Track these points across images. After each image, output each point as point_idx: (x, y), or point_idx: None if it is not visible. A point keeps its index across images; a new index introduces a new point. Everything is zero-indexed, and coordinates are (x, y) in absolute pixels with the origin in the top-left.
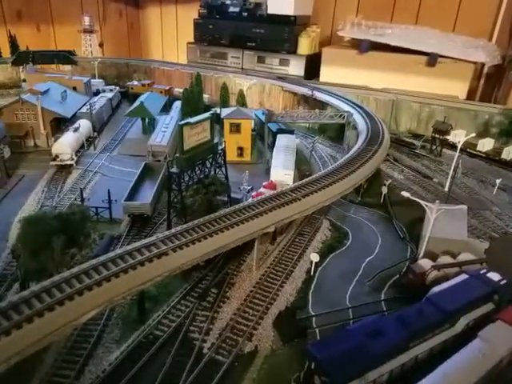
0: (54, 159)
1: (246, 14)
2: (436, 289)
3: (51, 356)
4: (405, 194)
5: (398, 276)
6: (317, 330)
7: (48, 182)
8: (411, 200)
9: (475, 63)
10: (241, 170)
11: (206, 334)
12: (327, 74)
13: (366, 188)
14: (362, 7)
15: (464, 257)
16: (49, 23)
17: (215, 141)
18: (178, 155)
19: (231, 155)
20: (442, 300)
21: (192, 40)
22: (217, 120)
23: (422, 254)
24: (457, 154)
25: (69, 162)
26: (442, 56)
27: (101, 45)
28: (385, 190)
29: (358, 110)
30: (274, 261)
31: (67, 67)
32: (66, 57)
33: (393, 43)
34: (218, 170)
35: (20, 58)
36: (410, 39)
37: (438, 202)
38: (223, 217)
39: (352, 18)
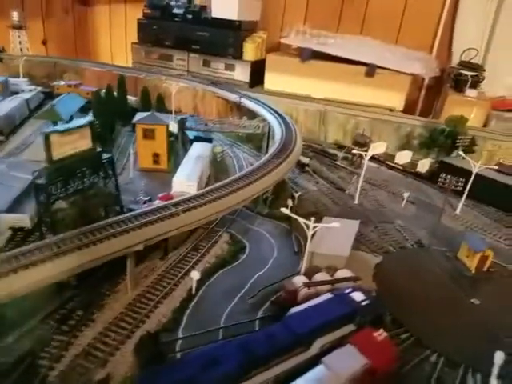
0: None
1: (190, 16)
2: (294, 309)
3: None
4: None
5: (277, 294)
6: (178, 355)
7: None
8: (318, 212)
9: (413, 75)
10: (156, 178)
11: (56, 362)
12: (271, 81)
13: (272, 200)
14: (310, 15)
15: (341, 274)
16: None
17: (99, 149)
18: (44, 165)
19: (146, 162)
20: (295, 322)
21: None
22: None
23: (302, 270)
24: (364, 168)
25: None
26: (380, 67)
27: (44, 42)
28: (290, 202)
29: (279, 120)
30: (156, 278)
31: None
32: None
33: (333, 53)
34: (107, 180)
35: None
36: (351, 49)
37: (313, 219)
38: (86, 232)
39: (299, 25)
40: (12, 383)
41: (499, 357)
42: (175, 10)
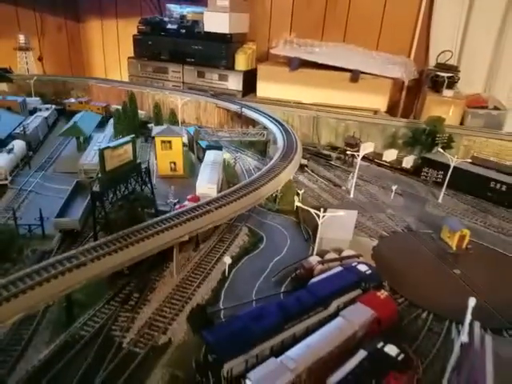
0: None
1: (183, 31)
2: (314, 279)
3: None
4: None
5: (297, 271)
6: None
7: None
8: (321, 206)
9: (393, 79)
10: (174, 183)
11: (126, 331)
12: (263, 89)
13: (281, 197)
14: (295, 25)
15: (346, 253)
16: None
17: (138, 160)
18: (100, 176)
19: (165, 170)
20: (316, 288)
21: (133, 55)
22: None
23: (315, 252)
24: (357, 166)
25: (2, 183)
26: (363, 72)
27: (40, 58)
28: (297, 199)
29: (280, 127)
30: (194, 265)
31: (2, 85)
32: (2, 75)
33: (320, 61)
34: (143, 186)
35: None
36: (336, 57)
37: (322, 209)
38: (140, 230)
39: (286, 35)
40: (96, 350)
41: (472, 301)
42: (169, 26)
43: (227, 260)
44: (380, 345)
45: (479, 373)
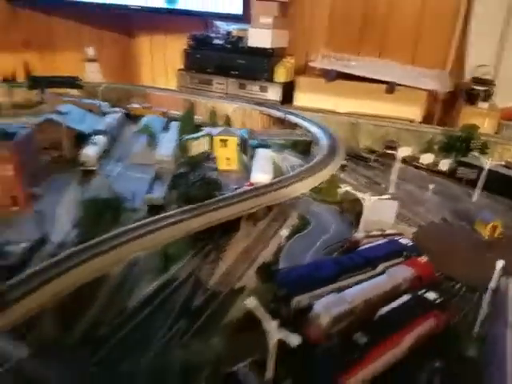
0: (82, 165)
1: (229, 46)
2: (364, 246)
3: (104, 290)
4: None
5: (342, 246)
6: None
7: (78, 182)
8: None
9: (428, 91)
10: (229, 176)
11: (209, 277)
12: (301, 99)
13: (325, 189)
14: (332, 41)
15: (389, 232)
16: (51, 51)
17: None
18: (184, 160)
19: (222, 165)
20: (365, 252)
21: (181, 67)
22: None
23: (360, 230)
24: (397, 165)
25: (92, 168)
26: (399, 84)
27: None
28: (341, 190)
29: (322, 130)
30: (254, 237)
31: (73, 91)
32: (73, 82)
33: (356, 73)
34: (210, 172)
35: (33, 82)
36: (372, 70)
37: (369, 193)
38: (219, 200)
39: (323, 50)
40: (188, 290)
41: (500, 263)
42: (215, 41)
43: (283, 233)
44: (422, 292)
45: (503, 318)
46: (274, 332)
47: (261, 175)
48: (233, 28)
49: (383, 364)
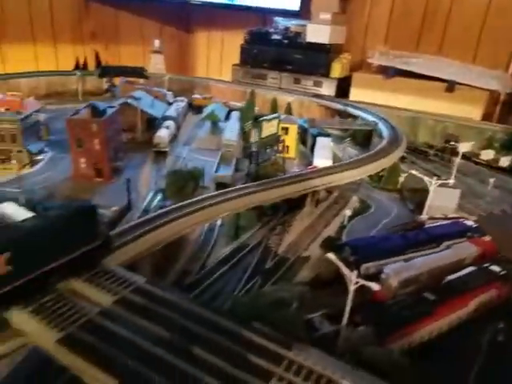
0: (155, 146)
1: (286, 41)
2: (429, 225)
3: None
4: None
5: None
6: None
7: (153, 161)
8: (420, 186)
9: (489, 91)
10: (290, 161)
11: (278, 246)
12: (356, 94)
13: (386, 177)
14: (390, 37)
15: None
16: (115, 43)
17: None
18: (256, 140)
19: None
20: (431, 230)
21: (234, 62)
22: None
23: (424, 213)
24: (458, 158)
25: (164, 149)
26: (459, 83)
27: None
28: (402, 178)
29: (383, 122)
30: (318, 214)
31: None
32: (140, 72)
33: (416, 71)
34: (276, 154)
35: (103, 71)
36: (432, 68)
37: (435, 177)
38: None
39: (380, 47)
40: (258, 255)
41: None
42: (274, 37)
43: (347, 212)
44: (486, 264)
45: None
46: (355, 279)
47: (323, 161)
48: (291, 24)
49: (449, 322)
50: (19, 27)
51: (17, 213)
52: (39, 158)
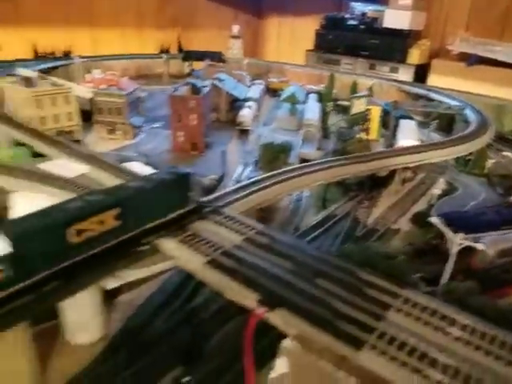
0: (238, 125)
1: (363, 26)
2: None
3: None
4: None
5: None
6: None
7: (238, 137)
8: (508, 172)
9: None
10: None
11: (367, 218)
12: (435, 81)
13: (473, 161)
14: (472, 24)
15: None
16: (194, 28)
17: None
18: (347, 117)
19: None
20: None
21: (305, 47)
22: None
23: None
24: None
25: (248, 128)
26: None
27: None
28: (489, 163)
29: (469, 107)
30: (405, 192)
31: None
32: (219, 57)
33: (502, 59)
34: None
35: (187, 55)
36: None
37: None
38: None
39: (462, 34)
40: (347, 226)
41: None
42: (350, 22)
43: (436, 191)
44: None
45: None
46: (459, 241)
47: (408, 141)
48: (369, 9)
49: None
50: (110, 12)
51: (142, 169)
52: (139, 131)
